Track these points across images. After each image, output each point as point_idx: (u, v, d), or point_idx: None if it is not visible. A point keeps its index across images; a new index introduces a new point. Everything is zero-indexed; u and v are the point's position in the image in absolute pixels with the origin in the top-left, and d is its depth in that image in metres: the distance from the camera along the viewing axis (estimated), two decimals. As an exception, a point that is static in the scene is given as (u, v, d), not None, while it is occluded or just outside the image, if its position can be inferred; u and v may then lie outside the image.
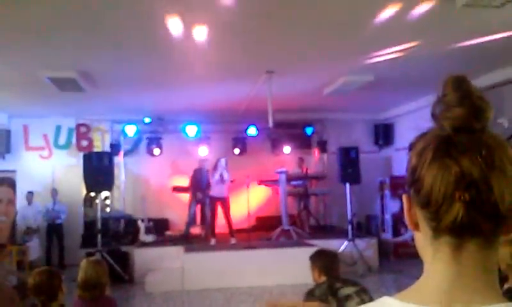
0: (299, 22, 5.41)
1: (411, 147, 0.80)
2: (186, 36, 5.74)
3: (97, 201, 9.61)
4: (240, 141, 11.80)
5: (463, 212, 0.70)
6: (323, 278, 3.39)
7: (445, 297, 0.71)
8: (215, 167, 9.78)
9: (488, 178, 0.70)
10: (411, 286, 0.77)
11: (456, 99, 0.76)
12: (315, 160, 12.49)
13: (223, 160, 9.73)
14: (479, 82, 8.26)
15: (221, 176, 9.60)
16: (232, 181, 9.89)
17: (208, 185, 10.11)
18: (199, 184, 10.21)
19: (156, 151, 11.45)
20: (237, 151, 11.73)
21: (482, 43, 6.23)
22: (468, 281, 0.72)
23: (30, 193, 10.25)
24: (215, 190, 9.73)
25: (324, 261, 3.49)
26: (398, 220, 10.65)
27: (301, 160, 11.43)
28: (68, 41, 5.82)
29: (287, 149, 11.98)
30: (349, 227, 9.57)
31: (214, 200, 9.76)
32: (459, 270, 0.73)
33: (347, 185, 9.77)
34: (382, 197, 11.28)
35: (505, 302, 0.71)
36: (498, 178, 0.70)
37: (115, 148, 11.04)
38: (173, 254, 8.95)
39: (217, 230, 9.80)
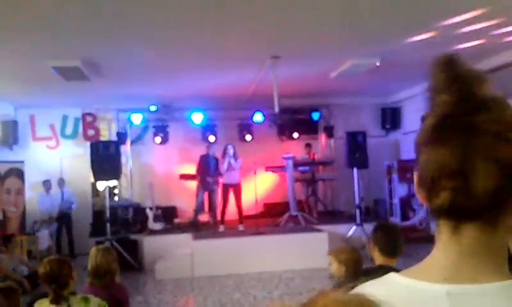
0: (304, 5, 5.35)
1: (422, 119, 0.78)
2: (191, 21, 5.70)
3: (105, 189, 9.65)
4: (247, 128, 11.77)
5: (448, 198, 0.70)
6: (379, 260, 2.71)
7: (449, 274, 0.71)
8: (223, 155, 9.80)
9: (467, 167, 0.68)
10: (419, 263, 0.77)
11: (442, 83, 0.73)
12: (322, 146, 12.45)
13: (230, 148, 9.73)
14: (490, 62, 8.15)
15: (229, 165, 9.62)
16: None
17: (216, 171, 10.12)
18: (206, 170, 10.21)
19: (163, 139, 11.47)
20: (248, 137, 11.69)
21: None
22: (470, 261, 0.71)
23: (48, 181, 10.30)
24: (226, 178, 9.75)
25: (381, 237, 2.76)
26: (406, 204, 10.63)
27: (308, 146, 11.41)
28: (72, 30, 5.80)
29: (295, 135, 11.95)
30: (357, 211, 9.58)
31: (227, 187, 9.78)
32: (460, 251, 0.72)
33: (355, 169, 9.75)
34: (390, 182, 11.24)
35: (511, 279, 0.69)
36: (481, 165, 0.68)
37: (122, 136, 11.07)
38: (181, 242, 9.01)
39: (226, 217, 9.85)
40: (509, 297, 0.66)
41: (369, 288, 0.77)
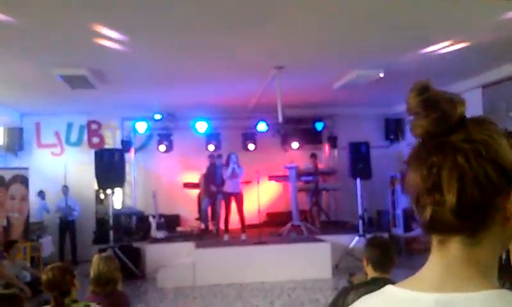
0: (307, 16, 5.39)
1: None
2: (196, 31, 5.76)
3: (108, 197, 9.69)
4: (250, 137, 11.80)
5: (430, 213, 0.74)
6: (372, 274, 2.76)
7: (438, 284, 0.75)
8: (227, 163, 9.83)
9: (442, 184, 0.73)
10: (414, 275, 0.81)
11: (417, 107, 0.78)
12: (326, 156, 12.46)
13: (233, 156, 9.76)
14: (491, 75, 8.18)
15: (233, 171, 9.64)
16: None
17: (221, 180, 10.14)
18: (212, 178, 10.24)
19: (167, 147, 11.51)
20: (252, 147, 11.69)
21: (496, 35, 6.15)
22: (457, 272, 0.75)
23: (41, 192, 10.42)
24: (228, 186, 9.77)
25: (373, 253, 2.77)
26: (409, 215, 10.59)
27: (314, 156, 11.38)
28: (79, 39, 5.86)
29: (296, 144, 11.96)
30: (360, 222, 9.56)
31: (228, 196, 9.79)
32: (447, 262, 0.76)
33: (358, 180, 9.74)
34: (393, 192, 11.22)
35: (497, 289, 0.72)
36: (456, 181, 0.72)
37: (126, 144, 11.12)
38: (184, 250, 9.01)
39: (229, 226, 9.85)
40: (492, 305, 0.70)
41: (368, 300, 0.83)
